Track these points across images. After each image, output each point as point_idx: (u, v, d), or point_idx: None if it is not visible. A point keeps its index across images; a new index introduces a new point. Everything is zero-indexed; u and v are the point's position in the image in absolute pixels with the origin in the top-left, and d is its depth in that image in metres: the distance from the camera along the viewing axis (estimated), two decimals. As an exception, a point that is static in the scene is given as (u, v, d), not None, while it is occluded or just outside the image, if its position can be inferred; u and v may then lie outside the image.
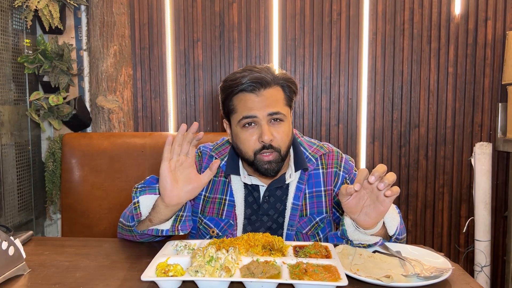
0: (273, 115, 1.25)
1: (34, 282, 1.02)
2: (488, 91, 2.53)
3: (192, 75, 2.59)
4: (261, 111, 1.23)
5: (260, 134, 1.24)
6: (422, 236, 2.62)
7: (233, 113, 1.29)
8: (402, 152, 2.58)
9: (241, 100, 1.26)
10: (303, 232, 1.37)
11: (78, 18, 2.56)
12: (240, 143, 1.29)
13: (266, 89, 1.25)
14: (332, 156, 1.42)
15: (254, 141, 1.26)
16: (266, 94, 1.24)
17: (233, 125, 1.30)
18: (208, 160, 1.42)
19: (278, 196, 1.37)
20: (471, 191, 2.55)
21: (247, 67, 1.29)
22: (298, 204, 1.36)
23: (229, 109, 1.29)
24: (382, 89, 2.55)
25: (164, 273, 0.97)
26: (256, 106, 1.24)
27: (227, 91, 1.28)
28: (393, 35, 2.53)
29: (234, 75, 1.27)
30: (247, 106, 1.24)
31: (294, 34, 2.54)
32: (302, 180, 1.37)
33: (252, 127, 1.26)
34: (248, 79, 1.23)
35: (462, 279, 1.04)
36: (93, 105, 2.51)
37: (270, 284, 0.95)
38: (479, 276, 2.49)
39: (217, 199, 1.38)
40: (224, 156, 1.40)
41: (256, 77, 1.23)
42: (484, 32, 2.50)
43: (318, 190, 1.38)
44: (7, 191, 2.28)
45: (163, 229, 1.18)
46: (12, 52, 2.35)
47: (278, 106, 1.25)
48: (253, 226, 1.36)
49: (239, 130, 1.28)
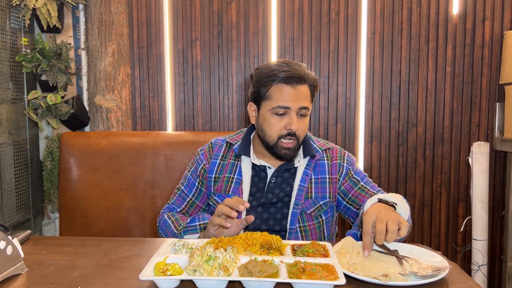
0: (302, 110, 1.40)
1: (32, 282, 1.02)
2: (486, 90, 2.53)
3: (191, 74, 2.59)
4: (294, 103, 1.38)
5: (289, 122, 1.39)
6: (419, 235, 2.62)
7: (267, 100, 1.42)
8: (400, 151, 2.58)
9: (279, 90, 1.39)
10: (307, 212, 1.47)
11: (76, 17, 2.56)
12: (268, 126, 1.42)
13: (301, 85, 1.39)
14: (336, 151, 1.56)
15: (281, 127, 1.41)
16: (300, 89, 1.39)
17: (263, 110, 1.43)
18: (219, 148, 1.56)
19: (285, 178, 1.49)
20: (469, 190, 2.56)
21: (282, 60, 1.43)
22: (304, 186, 1.47)
23: (262, 95, 1.42)
24: (380, 88, 2.56)
25: (163, 272, 0.97)
26: (291, 98, 1.38)
27: (264, 79, 1.41)
28: (391, 35, 2.53)
29: (275, 66, 1.40)
30: (283, 96, 1.38)
31: (293, 34, 2.54)
32: (309, 167, 1.50)
33: (281, 115, 1.40)
34: (290, 73, 1.37)
35: (460, 278, 1.04)
36: (91, 104, 2.51)
37: (268, 283, 0.95)
38: (476, 275, 2.50)
39: (225, 177, 1.52)
40: (237, 141, 1.55)
41: (295, 72, 1.38)
42: (482, 32, 2.51)
43: (323, 177, 1.51)
44: (5, 190, 2.28)
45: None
46: (10, 51, 2.35)
47: (307, 101, 1.41)
48: (258, 201, 1.47)
49: (270, 115, 1.42)
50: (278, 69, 1.39)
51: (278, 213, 1.47)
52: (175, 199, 1.59)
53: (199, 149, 1.62)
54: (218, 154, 1.55)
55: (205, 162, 1.55)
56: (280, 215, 1.46)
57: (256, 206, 1.46)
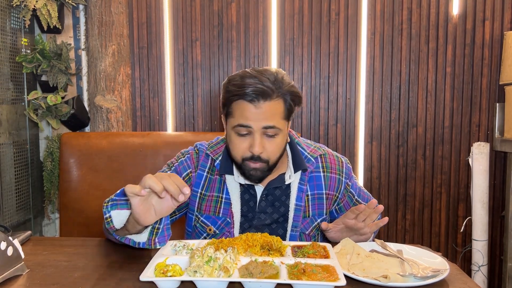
0: (267, 129, 1.24)
1: (32, 282, 1.02)
2: (486, 91, 2.53)
3: (191, 74, 2.59)
4: (256, 122, 1.22)
5: (252, 144, 1.24)
6: (419, 235, 2.62)
7: (230, 117, 1.28)
8: (400, 151, 2.58)
9: (239, 107, 1.24)
10: (306, 233, 1.39)
11: (76, 18, 2.56)
12: (231, 146, 1.29)
13: (266, 102, 1.22)
14: (334, 161, 1.43)
15: (244, 148, 1.26)
16: (265, 107, 1.22)
17: (228, 127, 1.30)
18: (205, 158, 1.40)
19: (277, 196, 1.37)
20: (469, 190, 2.56)
21: (255, 73, 1.24)
22: (301, 205, 1.37)
23: (228, 110, 1.28)
24: (380, 89, 2.56)
25: (163, 273, 0.97)
26: (252, 117, 1.22)
27: (228, 94, 1.26)
28: (392, 35, 2.53)
29: (239, 79, 1.24)
30: (243, 115, 1.23)
31: (293, 34, 2.54)
32: (303, 181, 1.37)
33: (244, 135, 1.26)
34: (250, 89, 1.21)
35: (460, 279, 1.04)
36: (91, 104, 2.51)
37: (269, 284, 0.95)
38: (477, 275, 2.50)
39: (214, 197, 1.38)
40: (218, 155, 1.39)
41: (259, 89, 1.21)
42: (482, 32, 2.51)
43: (319, 192, 1.40)
44: (5, 190, 2.28)
45: (140, 242, 1.13)
46: (10, 51, 2.35)
47: (275, 119, 1.24)
48: (250, 223, 1.36)
49: (233, 134, 1.28)
50: (241, 83, 1.22)
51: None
52: None
53: (183, 151, 1.45)
54: (205, 165, 1.39)
55: (192, 170, 1.39)
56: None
57: (249, 227, 1.35)
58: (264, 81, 1.21)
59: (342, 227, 1.26)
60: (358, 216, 1.21)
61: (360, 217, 1.21)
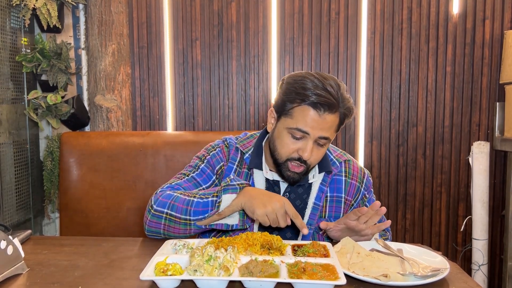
0: (321, 139, 1.28)
1: (32, 282, 1.02)
2: (486, 90, 2.53)
3: (191, 74, 2.59)
4: (315, 131, 1.25)
5: (303, 149, 1.27)
6: (420, 235, 2.62)
7: (288, 117, 1.28)
8: (400, 151, 2.58)
9: (303, 112, 1.25)
10: (320, 233, 1.40)
11: (76, 17, 2.56)
12: (280, 143, 1.31)
13: (329, 114, 1.25)
14: (357, 169, 1.47)
15: (293, 150, 1.29)
16: (327, 118, 1.25)
17: (281, 125, 1.31)
18: (235, 152, 1.43)
19: (299, 194, 1.40)
20: (469, 190, 2.56)
21: (320, 77, 1.26)
22: (319, 205, 1.40)
23: (286, 110, 1.29)
24: (380, 88, 2.56)
25: (163, 272, 0.97)
26: (313, 125, 1.25)
27: (293, 94, 1.27)
28: (392, 35, 2.53)
29: (306, 82, 1.25)
30: (305, 120, 1.25)
31: (293, 33, 2.54)
32: (325, 182, 1.41)
33: (299, 139, 1.28)
34: (321, 99, 1.23)
35: (460, 278, 1.04)
36: (91, 104, 2.51)
37: (269, 283, 0.95)
38: (477, 274, 2.50)
39: None
40: (248, 149, 1.43)
41: (328, 100, 1.23)
42: (482, 31, 2.51)
43: (339, 196, 1.43)
44: (5, 190, 2.28)
45: (233, 224, 1.22)
46: (10, 51, 2.35)
47: (330, 131, 1.28)
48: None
49: (285, 134, 1.29)
50: (311, 88, 1.24)
51: (289, 231, 1.39)
52: (181, 181, 1.38)
53: (213, 144, 1.48)
54: (235, 159, 1.42)
55: (224, 163, 1.42)
56: (290, 233, 1.40)
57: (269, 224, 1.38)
58: (333, 94, 1.24)
59: (343, 227, 1.27)
60: (360, 218, 1.22)
61: (362, 219, 1.22)
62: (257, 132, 1.50)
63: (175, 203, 1.26)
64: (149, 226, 1.30)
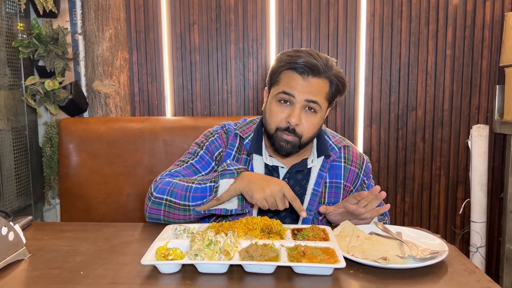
0: (309, 103, 1.28)
1: (34, 267, 1.02)
2: (486, 73, 2.52)
3: (189, 58, 2.57)
4: (300, 94, 1.27)
5: (290, 114, 1.28)
6: (419, 218, 2.64)
7: (275, 85, 1.32)
8: (399, 134, 2.58)
9: (288, 77, 1.29)
10: (319, 218, 1.41)
11: (72, 1, 2.52)
12: (269, 114, 1.33)
13: (314, 78, 1.27)
14: (356, 155, 1.47)
15: (282, 118, 1.30)
16: (312, 81, 1.27)
17: (271, 96, 1.34)
18: (234, 137, 1.44)
19: (298, 180, 1.41)
20: (468, 173, 2.57)
21: (309, 50, 1.30)
22: (318, 191, 1.40)
23: (274, 79, 1.33)
24: (379, 71, 2.54)
25: (164, 257, 0.98)
26: (298, 88, 1.27)
27: (279, 63, 1.32)
28: (391, 17, 2.50)
29: (293, 52, 1.30)
30: (290, 84, 1.28)
31: (291, 16, 2.52)
32: (324, 168, 1.41)
33: (286, 104, 1.30)
34: (302, 61, 1.26)
35: (458, 260, 1.05)
36: (89, 89, 2.49)
37: (269, 266, 0.96)
38: (475, 256, 2.53)
39: None
40: (248, 134, 1.44)
41: (311, 62, 1.26)
42: (483, 13, 2.48)
43: (338, 181, 1.43)
44: (5, 176, 2.28)
45: (232, 209, 1.24)
46: (6, 36, 2.32)
47: (318, 96, 1.29)
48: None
49: (274, 102, 1.32)
50: (295, 55, 1.28)
51: (288, 217, 1.40)
52: (181, 168, 1.39)
53: (211, 130, 1.48)
54: (233, 145, 1.42)
55: (223, 149, 1.42)
56: (289, 219, 1.41)
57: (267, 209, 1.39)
58: (317, 59, 1.27)
59: (343, 211, 1.28)
60: (359, 202, 1.23)
61: (362, 203, 1.23)
62: (257, 118, 1.51)
63: (174, 190, 1.27)
64: (149, 213, 1.31)
